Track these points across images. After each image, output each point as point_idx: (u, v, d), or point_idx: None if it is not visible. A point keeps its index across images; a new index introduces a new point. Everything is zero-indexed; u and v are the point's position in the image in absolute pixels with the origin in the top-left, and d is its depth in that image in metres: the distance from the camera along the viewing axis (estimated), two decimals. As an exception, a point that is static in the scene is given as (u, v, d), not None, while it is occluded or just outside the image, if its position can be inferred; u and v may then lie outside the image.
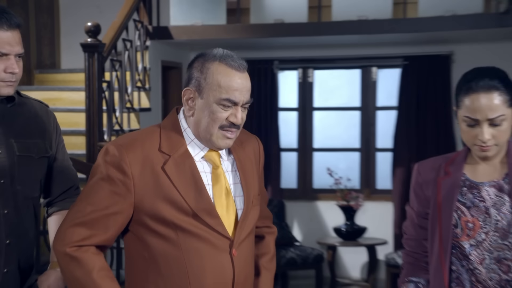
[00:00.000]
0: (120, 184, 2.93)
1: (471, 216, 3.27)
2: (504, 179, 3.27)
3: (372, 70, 10.20)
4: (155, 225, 2.97)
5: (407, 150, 9.72)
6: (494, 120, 3.16)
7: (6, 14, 3.17)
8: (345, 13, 9.10)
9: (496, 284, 3.24)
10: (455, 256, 3.31)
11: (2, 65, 3.15)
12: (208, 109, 2.94)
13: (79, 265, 2.93)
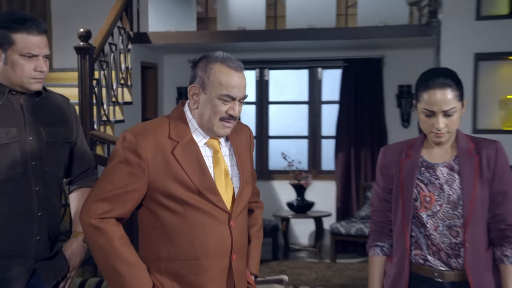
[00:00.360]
0: (136, 166, 2.92)
1: (428, 191, 3.30)
2: (454, 161, 3.31)
3: (318, 70, 10.37)
4: (166, 201, 2.96)
5: (347, 137, 9.93)
6: (448, 111, 3.20)
7: (35, 21, 3.13)
8: (297, 22, 9.27)
9: (447, 247, 3.26)
10: (415, 224, 3.31)
11: (33, 65, 3.11)
12: (211, 103, 2.95)
13: (102, 234, 2.91)
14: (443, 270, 3.23)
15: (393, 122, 9.95)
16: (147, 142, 2.93)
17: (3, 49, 3.07)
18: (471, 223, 3.18)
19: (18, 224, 3.12)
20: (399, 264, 3.32)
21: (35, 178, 3.16)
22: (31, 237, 3.15)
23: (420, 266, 3.28)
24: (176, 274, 2.96)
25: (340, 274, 8.45)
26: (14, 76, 3.10)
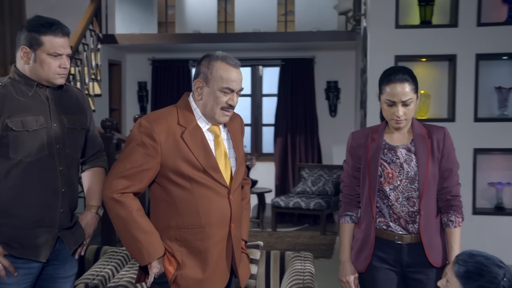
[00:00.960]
0: (151, 148, 2.96)
1: (391, 169, 3.37)
2: (411, 143, 3.39)
3: (259, 68, 10.42)
4: (176, 178, 3.00)
5: (284, 125, 10.04)
6: (406, 101, 3.29)
7: (60, 25, 3.12)
8: (244, 26, 9.26)
9: (406, 215, 3.34)
10: (379, 197, 3.38)
11: (58, 62, 3.09)
12: (213, 95, 3.01)
13: (122, 207, 2.95)
14: (402, 234, 3.30)
15: (322, 112, 10.09)
16: (160, 128, 2.97)
17: (32, 49, 3.06)
18: (425, 195, 3.28)
19: (46, 198, 3.13)
20: (366, 230, 3.37)
21: (59, 159, 3.16)
22: (56, 210, 3.15)
23: (383, 231, 3.33)
24: (184, 240, 3.01)
25: (281, 241, 8.56)
26: (42, 72, 3.10)
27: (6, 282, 3.04)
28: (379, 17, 7.25)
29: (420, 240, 3.30)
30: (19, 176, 3.06)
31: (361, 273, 3.41)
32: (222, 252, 3.08)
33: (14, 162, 3.05)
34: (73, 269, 3.32)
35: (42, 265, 3.15)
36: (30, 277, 3.13)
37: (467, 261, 2.53)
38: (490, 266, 2.49)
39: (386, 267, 3.34)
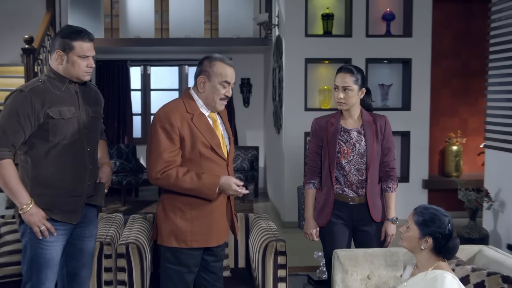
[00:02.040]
0: (172, 132, 3.08)
1: (346, 147, 3.56)
2: (360, 127, 3.59)
3: (185, 67, 10.31)
4: (189, 154, 3.13)
5: None
6: (345, 87, 3.51)
7: (87, 32, 3.20)
8: (177, 32, 9.21)
9: (357, 182, 3.55)
10: (337, 168, 3.56)
11: (85, 63, 3.15)
12: (214, 88, 3.14)
13: (166, 179, 3.09)
14: (354, 197, 3.56)
15: (238, 103, 10.24)
16: (175, 115, 3.10)
17: (65, 53, 3.11)
18: (371, 167, 3.54)
19: (77, 173, 3.19)
20: (326, 194, 3.59)
21: (86, 142, 3.23)
22: (84, 183, 3.23)
23: (339, 195, 3.57)
24: (194, 204, 3.14)
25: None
26: (73, 71, 3.14)
27: (48, 240, 3.12)
28: (292, 27, 7.52)
29: (366, 201, 3.56)
30: (56, 155, 3.12)
31: (321, 227, 3.63)
32: (223, 213, 3.27)
33: (53, 144, 3.11)
34: (95, 229, 3.43)
35: (73, 226, 3.23)
36: (65, 237, 3.22)
37: (423, 212, 2.84)
38: (440, 215, 2.81)
39: (341, 222, 3.59)
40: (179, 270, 3.21)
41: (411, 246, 2.87)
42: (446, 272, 2.79)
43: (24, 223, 3.14)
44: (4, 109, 3.09)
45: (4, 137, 3.02)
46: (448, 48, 8.24)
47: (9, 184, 3.03)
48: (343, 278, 3.31)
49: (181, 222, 3.15)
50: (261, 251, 3.70)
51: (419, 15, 7.64)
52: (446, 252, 2.82)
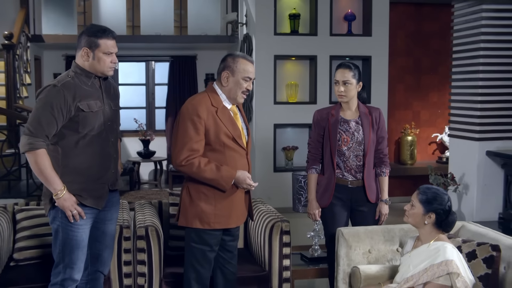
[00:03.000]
0: (198, 123, 3.24)
1: (346, 136, 3.78)
2: (358, 118, 3.82)
3: (152, 63, 10.36)
4: (214, 144, 3.30)
5: (173, 108, 10.03)
6: (345, 81, 3.73)
7: (110, 31, 3.32)
8: (148, 29, 9.24)
9: (355, 167, 3.78)
10: (337, 155, 3.78)
11: (110, 59, 3.26)
12: (237, 82, 3.31)
13: (189, 168, 3.26)
14: (352, 180, 3.79)
15: (202, 97, 10.40)
16: (202, 108, 3.27)
17: (91, 50, 3.21)
18: (368, 154, 3.79)
19: (104, 162, 3.32)
20: (328, 178, 3.81)
21: (110, 133, 3.35)
22: (109, 170, 3.36)
23: (340, 178, 3.80)
24: (217, 189, 3.33)
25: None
26: (99, 67, 3.25)
27: (78, 224, 3.25)
28: (262, 26, 7.74)
29: (363, 184, 3.81)
30: (85, 145, 3.23)
31: (323, 208, 3.88)
32: (241, 197, 3.47)
33: (82, 135, 3.22)
34: (117, 213, 3.56)
35: (98, 211, 3.35)
36: (92, 220, 3.35)
37: (426, 191, 3.13)
38: (441, 194, 3.11)
39: (341, 203, 3.84)
40: (202, 249, 3.40)
41: (415, 222, 3.15)
42: (446, 243, 3.10)
43: (54, 209, 3.26)
44: (38, 102, 3.19)
45: (39, 128, 3.11)
46: (402, 47, 8.66)
47: (44, 172, 3.14)
48: (347, 252, 3.58)
49: (205, 206, 3.33)
50: (267, 231, 3.93)
51: (377, 16, 8.00)
52: (446, 225, 3.12)
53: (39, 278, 3.68)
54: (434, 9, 8.67)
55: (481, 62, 5.13)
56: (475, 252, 3.21)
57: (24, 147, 3.14)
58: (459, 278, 3.00)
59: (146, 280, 3.75)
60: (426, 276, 3.03)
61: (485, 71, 5.14)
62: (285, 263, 3.91)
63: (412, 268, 3.12)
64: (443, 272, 2.99)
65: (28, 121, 3.18)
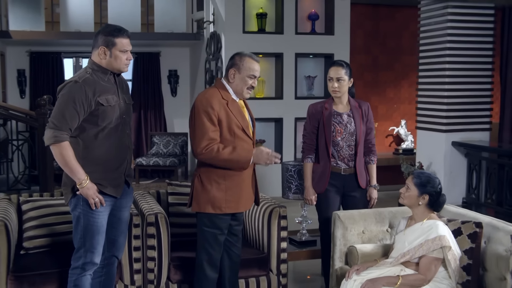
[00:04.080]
0: (212, 114, 3.45)
1: (339, 127, 4.05)
2: (350, 111, 4.10)
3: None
4: (225, 134, 3.51)
5: (138, 103, 10.10)
6: (339, 78, 4.01)
7: (125, 30, 3.45)
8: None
9: (348, 156, 4.06)
10: (332, 145, 4.05)
11: (125, 56, 3.40)
12: (243, 79, 3.54)
13: (210, 155, 3.46)
14: (345, 168, 4.10)
15: (166, 92, 10.38)
16: (214, 101, 3.48)
17: (108, 48, 3.35)
18: (359, 144, 4.10)
19: (120, 153, 3.48)
20: (323, 166, 4.10)
21: (125, 126, 3.51)
22: (125, 161, 3.51)
23: (334, 167, 4.09)
24: (228, 176, 3.56)
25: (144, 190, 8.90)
26: (116, 64, 3.39)
27: (99, 211, 3.41)
28: (231, 25, 7.99)
29: (354, 172, 4.13)
30: (104, 137, 3.39)
31: (319, 194, 4.17)
32: (249, 183, 3.71)
33: (101, 128, 3.37)
34: (131, 201, 3.73)
35: (116, 199, 3.52)
36: (110, 207, 3.52)
37: (420, 176, 3.47)
38: (433, 178, 3.47)
39: (335, 190, 4.15)
40: (214, 232, 3.63)
41: (410, 203, 3.49)
42: (438, 220, 3.46)
43: (75, 197, 3.40)
44: (61, 98, 3.33)
45: (63, 122, 3.27)
46: (360, 45, 9.09)
47: (69, 163, 3.30)
48: (343, 233, 3.90)
49: (217, 192, 3.56)
50: (266, 216, 4.19)
51: (339, 16, 8.39)
52: (437, 206, 3.48)
53: (53, 264, 3.82)
54: (390, 10, 9.14)
55: (447, 60, 5.56)
56: (460, 229, 3.57)
57: (50, 140, 3.29)
58: (450, 251, 3.36)
59: (156, 264, 3.95)
60: (421, 250, 3.38)
61: (451, 69, 5.58)
62: (282, 246, 4.18)
63: (407, 244, 3.46)
64: (437, 246, 3.35)
65: (52, 115, 3.33)
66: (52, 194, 4.48)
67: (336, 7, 8.38)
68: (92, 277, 3.56)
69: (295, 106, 8.24)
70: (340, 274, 3.82)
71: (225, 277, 3.82)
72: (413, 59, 9.16)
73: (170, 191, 4.52)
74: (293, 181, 4.64)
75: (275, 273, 4.19)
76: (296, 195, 4.62)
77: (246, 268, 4.06)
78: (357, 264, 3.63)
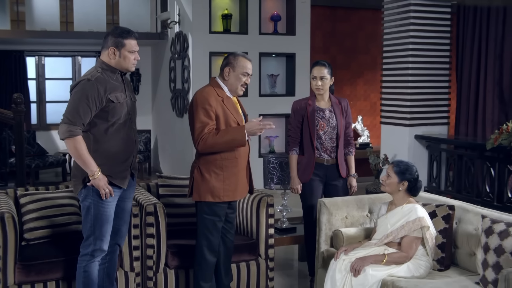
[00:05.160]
0: (210, 110, 3.67)
1: (322, 122, 4.33)
2: (331, 107, 4.39)
3: (79, 58, 10.40)
4: (222, 127, 3.73)
5: None
6: (322, 77, 4.30)
7: (133, 32, 3.63)
8: (82, 26, 9.26)
9: (330, 148, 4.35)
10: (315, 138, 4.32)
11: (133, 56, 3.58)
12: (237, 77, 3.75)
13: (205, 141, 3.66)
14: (328, 159, 4.40)
15: (129, 91, 10.60)
16: (211, 98, 3.69)
17: (118, 49, 3.53)
18: (340, 137, 4.41)
19: (128, 147, 3.66)
20: (308, 158, 4.38)
21: (132, 122, 3.69)
22: (132, 154, 3.69)
23: (318, 158, 4.38)
24: (225, 167, 3.78)
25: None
26: (124, 64, 3.57)
27: (108, 201, 3.60)
28: (198, 26, 8.21)
29: (336, 162, 4.44)
30: (113, 132, 3.58)
31: (304, 183, 4.46)
32: (244, 174, 3.95)
33: (111, 123, 3.55)
34: (133, 192, 3.92)
35: (122, 190, 3.71)
36: (117, 198, 3.71)
37: (399, 164, 3.83)
38: (411, 166, 3.84)
39: (318, 179, 4.45)
40: (213, 219, 3.87)
41: (391, 189, 3.85)
42: (416, 204, 3.83)
43: (85, 188, 3.58)
44: (74, 94, 3.50)
45: (77, 117, 3.45)
46: (320, 45, 9.49)
47: (82, 156, 3.48)
48: (328, 218, 4.23)
49: (216, 182, 3.79)
50: (255, 204, 4.47)
51: (300, 17, 8.75)
52: (415, 191, 3.86)
53: (57, 253, 3.99)
54: (347, 12, 9.58)
55: (410, 60, 5.99)
56: (435, 212, 3.96)
57: (64, 134, 3.47)
58: (428, 231, 3.75)
59: (155, 251, 4.16)
60: (403, 231, 3.75)
61: (414, 68, 6.01)
62: (270, 232, 4.48)
63: (390, 227, 3.82)
64: (417, 227, 3.72)
65: (67, 111, 3.50)
66: (47, 188, 4.61)
67: (297, 8, 8.73)
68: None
69: (259, 103, 8.55)
70: (326, 255, 4.15)
71: (220, 262, 4.07)
72: (368, 58, 9.70)
73: (160, 183, 4.73)
74: (275, 172, 4.92)
75: (263, 257, 4.48)
76: (278, 186, 4.90)
77: (237, 253, 4.32)
78: (344, 246, 3.97)
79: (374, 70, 9.81)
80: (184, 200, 4.58)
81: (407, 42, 6.00)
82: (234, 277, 4.33)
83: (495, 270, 3.36)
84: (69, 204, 4.37)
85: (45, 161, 9.05)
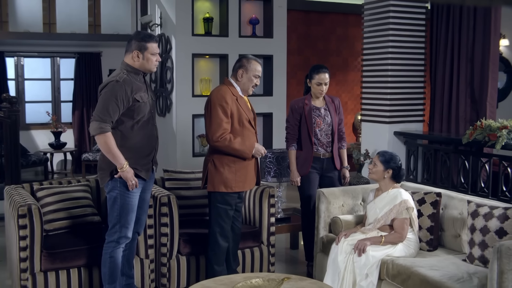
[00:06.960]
0: (226, 108, 3.96)
1: (319, 120, 4.65)
2: (325, 106, 4.72)
3: (57, 59, 10.47)
4: (236, 125, 4.03)
5: (81, 101, 10.31)
6: (326, 82, 4.64)
7: (154, 35, 3.87)
8: (64, 28, 9.37)
9: (326, 143, 4.67)
10: (313, 134, 4.64)
11: (155, 58, 3.82)
12: (249, 78, 4.07)
13: (222, 143, 3.96)
14: (324, 153, 4.76)
15: (107, 91, 10.76)
16: (228, 96, 3.98)
17: (141, 52, 3.77)
18: (335, 132, 4.75)
19: (151, 142, 3.92)
20: (306, 152, 4.73)
21: (153, 119, 3.96)
22: (153, 149, 3.95)
23: (315, 152, 4.73)
24: (237, 160, 4.11)
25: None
26: (147, 66, 3.81)
27: (134, 191, 3.89)
28: (181, 28, 8.46)
29: (331, 156, 4.81)
30: (138, 129, 3.84)
31: (302, 175, 4.82)
32: (252, 167, 4.30)
33: (136, 121, 3.82)
34: (152, 184, 4.22)
35: (145, 182, 4.00)
36: (141, 189, 4.01)
37: (384, 154, 4.26)
38: (394, 155, 4.27)
39: (315, 172, 4.82)
40: (225, 208, 4.22)
41: (378, 177, 4.27)
42: (401, 189, 4.27)
43: (112, 180, 3.86)
44: (104, 94, 3.76)
45: (107, 115, 3.73)
46: (294, 47, 9.90)
47: (112, 150, 3.76)
48: (327, 207, 4.63)
49: (228, 174, 4.13)
50: (258, 195, 4.82)
51: (277, 21, 9.10)
52: (399, 178, 4.29)
53: (78, 242, 4.27)
54: (320, 16, 10.02)
55: (389, 63, 6.44)
56: (424, 199, 4.41)
57: (96, 131, 3.76)
58: (413, 211, 4.19)
59: (168, 239, 4.48)
60: (392, 214, 4.17)
61: (393, 70, 6.46)
62: (271, 220, 4.85)
63: (379, 211, 4.24)
64: (403, 208, 4.14)
65: (97, 110, 3.79)
66: (60, 182, 4.86)
67: (274, 12, 9.09)
68: (118, 251, 4.05)
69: (239, 103, 8.88)
70: (326, 241, 4.55)
71: (229, 248, 4.41)
72: (339, 59, 10.17)
73: (166, 177, 5.03)
74: (272, 166, 5.29)
75: (265, 244, 4.84)
76: (275, 178, 5.27)
77: (243, 240, 4.65)
78: (343, 231, 4.38)
79: (345, 71, 10.28)
80: (190, 193, 4.91)
81: (386, 46, 6.45)
82: (240, 262, 4.68)
83: (481, 248, 3.82)
84: (83, 197, 4.65)
85: (28, 160, 9.15)
